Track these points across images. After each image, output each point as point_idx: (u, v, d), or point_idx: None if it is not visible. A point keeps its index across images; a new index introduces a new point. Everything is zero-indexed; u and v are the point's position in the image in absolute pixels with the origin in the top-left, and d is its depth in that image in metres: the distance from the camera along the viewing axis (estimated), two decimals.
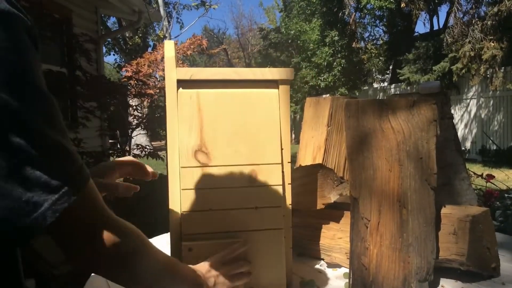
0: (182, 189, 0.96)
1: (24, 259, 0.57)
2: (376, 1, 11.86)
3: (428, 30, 13.62)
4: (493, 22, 9.15)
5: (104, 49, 13.16)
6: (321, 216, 1.24)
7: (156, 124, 4.73)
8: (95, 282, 1.14)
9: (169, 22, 16.52)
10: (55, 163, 0.50)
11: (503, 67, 9.19)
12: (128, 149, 4.37)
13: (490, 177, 2.83)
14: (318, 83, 13.21)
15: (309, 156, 1.46)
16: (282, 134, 1.06)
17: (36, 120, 0.48)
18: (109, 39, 15.55)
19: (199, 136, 0.96)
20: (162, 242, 1.44)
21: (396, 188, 0.95)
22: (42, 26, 3.75)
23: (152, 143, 11.41)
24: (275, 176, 0.98)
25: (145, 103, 5.66)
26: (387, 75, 16.01)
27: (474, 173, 3.05)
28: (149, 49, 14.90)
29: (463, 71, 9.73)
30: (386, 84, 15.12)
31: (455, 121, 10.00)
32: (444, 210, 1.06)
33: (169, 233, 1.01)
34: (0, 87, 0.45)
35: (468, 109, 10.32)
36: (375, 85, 16.02)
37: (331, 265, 1.20)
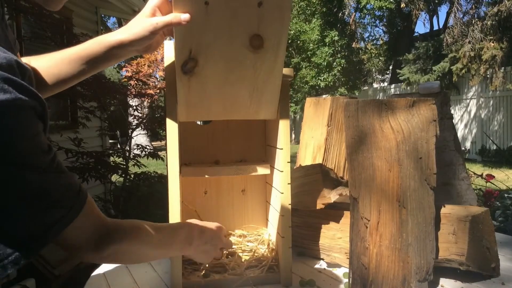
0: None
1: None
2: (376, 1, 11.87)
3: (428, 30, 13.64)
4: (493, 22, 9.16)
5: None
6: (321, 216, 1.24)
7: (156, 124, 4.72)
8: (95, 282, 1.14)
9: None
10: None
11: (503, 67, 9.19)
12: (128, 149, 4.37)
13: (489, 177, 2.83)
14: (318, 83, 13.20)
15: (309, 156, 1.46)
16: (282, 134, 1.06)
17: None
18: None
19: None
20: None
21: (395, 188, 0.95)
22: (42, 26, 3.75)
23: (152, 143, 11.41)
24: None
25: (145, 103, 5.65)
26: (387, 75, 16.02)
27: (474, 173, 3.05)
28: None
29: (463, 71, 9.73)
30: (386, 84, 15.12)
31: (455, 121, 10.02)
32: (444, 210, 1.06)
33: None
34: None
35: (468, 109, 10.32)
36: (375, 85, 16.03)
37: (331, 265, 1.21)
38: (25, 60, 0.81)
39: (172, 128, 0.98)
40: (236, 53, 0.88)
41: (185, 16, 0.79)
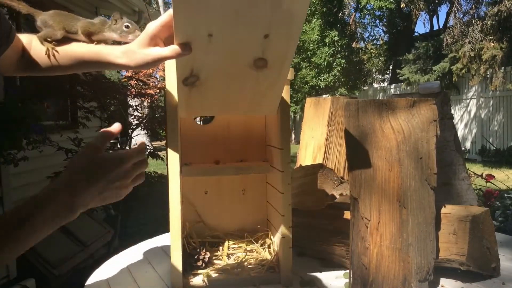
0: None
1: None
2: (376, 1, 11.87)
3: (428, 30, 13.65)
4: (493, 22, 9.16)
5: None
6: (321, 216, 1.24)
7: (156, 124, 4.71)
8: (95, 282, 1.14)
9: None
10: None
11: (503, 67, 9.19)
12: (128, 149, 4.37)
13: (490, 177, 2.84)
14: (318, 83, 13.20)
15: (309, 156, 1.46)
16: (282, 134, 1.06)
17: None
18: None
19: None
20: (163, 241, 1.44)
21: (396, 188, 0.95)
22: None
23: (152, 143, 11.40)
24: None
25: (145, 103, 5.65)
26: (387, 75, 16.03)
27: (474, 173, 3.06)
28: None
29: (463, 71, 9.73)
30: (386, 84, 15.12)
31: (455, 121, 10.01)
32: (444, 210, 1.06)
33: (169, 233, 1.01)
34: None
35: (468, 109, 10.32)
36: (375, 85, 16.03)
37: (331, 265, 1.20)
38: (26, 37, 0.92)
39: (172, 128, 0.98)
40: (238, 70, 0.87)
41: (187, 51, 0.77)
